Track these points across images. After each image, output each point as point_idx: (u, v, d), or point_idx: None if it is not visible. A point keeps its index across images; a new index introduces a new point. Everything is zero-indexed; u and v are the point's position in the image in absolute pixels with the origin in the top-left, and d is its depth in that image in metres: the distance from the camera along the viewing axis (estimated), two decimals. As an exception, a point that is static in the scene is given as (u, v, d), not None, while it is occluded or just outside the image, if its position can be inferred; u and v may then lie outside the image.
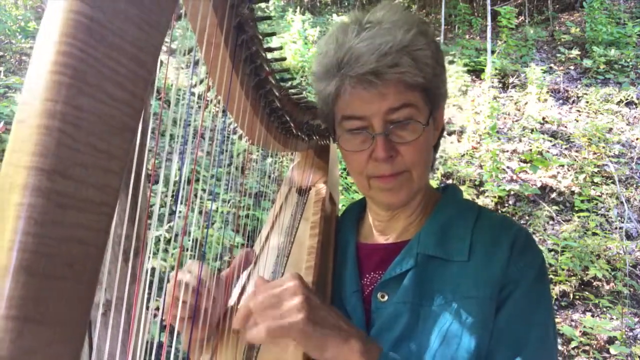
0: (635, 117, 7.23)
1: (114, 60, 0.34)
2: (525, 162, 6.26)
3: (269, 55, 0.82)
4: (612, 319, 4.32)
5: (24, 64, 6.40)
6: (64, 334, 0.33)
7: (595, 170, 6.14)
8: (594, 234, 5.20)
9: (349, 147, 0.93)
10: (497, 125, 6.79)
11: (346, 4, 11.70)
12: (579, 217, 5.47)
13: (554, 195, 5.86)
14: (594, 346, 4.06)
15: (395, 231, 1.02)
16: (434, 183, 5.26)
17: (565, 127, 7.05)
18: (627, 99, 7.49)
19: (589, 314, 4.38)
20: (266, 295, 0.74)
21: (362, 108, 0.89)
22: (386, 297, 0.91)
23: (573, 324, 4.29)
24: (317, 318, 0.73)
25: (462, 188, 5.65)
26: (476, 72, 8.22)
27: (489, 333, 0.84)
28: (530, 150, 6.43)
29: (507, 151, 6.54)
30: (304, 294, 0.74)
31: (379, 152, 0.88)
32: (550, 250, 5.01)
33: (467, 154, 6.47)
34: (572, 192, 5.85)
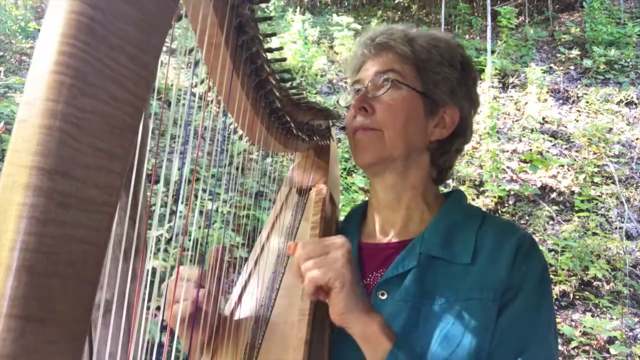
0: (635, 117, 7.23)
1: (115, 61, 0.34)
2: (525, 162, 6.26)
3: (269, 56, 0.82)
4: (612, 319, 4.32)
5: (24, 64, 6.40)
6: (66, 333, 0.33)
7: (595, 170, 6.15)
8: (594, 234, 5.21)
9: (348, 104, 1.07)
10: (497, 125, 6.79)
11: (346, 4, 11.71)
12: (579, 217, 5.47)
13: (554, 195, 5.86)
14: (594, 346, 4.06)
15: (395, 227, 1.03)
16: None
17: (565, 127, 7.05)
18: (627, 99, 7.49)
19: (589, 314, 4.39)
20: (315, 245, 0.80)
21: (361, 73, 1.04)
22: (386, 296, 0.91)
23: (573, 324, 4.29)
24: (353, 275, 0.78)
25: (462, 188, 5.66)
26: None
27: (490, 335, 0.84)
28: (530, 150, 6.43)
29: (507, 151, 6.55)
30: (349, 250, 0.80)
31: (355, 102, 1.00)
32: (550, 250, 5.01)
33: (467, 154, 6.47)
34: (572, 192, 5.86)
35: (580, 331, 4.17)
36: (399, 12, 11.64)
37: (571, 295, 4.59)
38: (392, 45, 0.99)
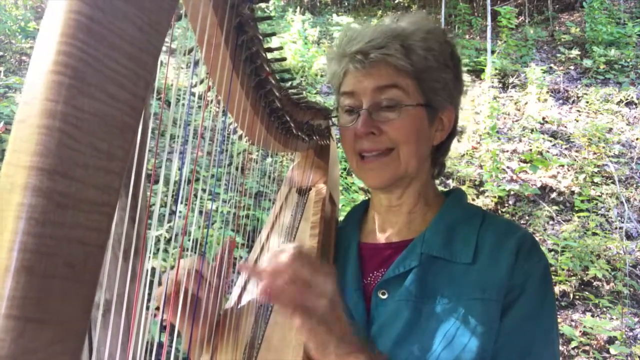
0: (635, 117, 7.23)
1: (114, 61, 0.34)
2: (525, 162, 6.26)
3: (269, 56, 0.82)
4: (612, 319, 4.32)
5: (24, 64, 6.39)
6: (64, 334, 0.33)
7: (595, 170, 6.14)
8: (594, 234, 5.20)
9: (342, 122, 1.00)
10: (497, 125, 6.78)
11: (346, 4, 11.70)
12: (579, 217, 5.46)
13: (554, 195, 5.86)
14: (594, 346, 4.05)
15: (395, 228, 1.03)
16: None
17: (565, 127, 7.05)
18: (627, 99, 7.49)
19: (589, 314, 4.38)
20: (302, 268, 0.72)
21: (354, 85, 0.97)
22: (387, 295, 0.91)
23: (573, 324, 4.29)
24: (332, 320, 0.73)
25: (462, 188, 5.65)
26: (476, 72, 8.22)
27: (494, 335, 0.84)
28: (530, 150, 6.43)
29: (507, 151, 6.54)
30: (335, 290, 0.74)
31: (359, 127, 0.94)
32: (550, 250, 5.00)
33: (467, 154, 6.47)
34: (572, 192, 5.85)
35: (580, 331, 4.16)
36: (399, 12, 11.62)
37: (571, 295, 4.59)
38: (389, 62, 0.93)
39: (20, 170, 0.31)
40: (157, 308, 0.78)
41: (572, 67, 8.52)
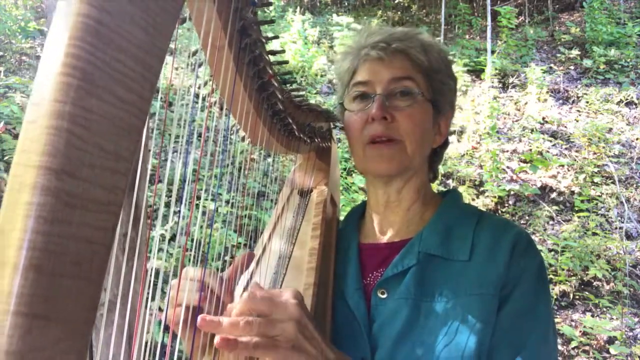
0: (635, 117, 7.23)
1: (121, 63, 0.34)
2: (525, 162, 6.26)
3: (272, 58, 0.83)
4: (612, 319, 4.32)
5: (24, 64, 6.40)
6: (71, 331, 0.33)
7: (595, 170, 6.15)
8: (594, 234, 5.21)
9: (352, 108, 1.02)
10: (497, 125, 6.79)
11: (346, 4, 11.70)
12: (579, 217, 5.47)
13: (554, 195, 5.86)
14: (594, 346, 4.06)
15: (394, 227, 1.04)
16: (434, 184, 5.18)
17: (565, 127, 7.05)
18: (627, 99, 7.49)
19: (589, 314, 4.39)
20: (259, 302, 0.71)
21: (369, 75, 1.00)
22: (386, 294, 0.92)
23: (573, 324, 4.29)
24: (304, 341, 0.70)
25: (462, 188, 5.66)
26: (476, 72, 8.23)
27: (492, 330, 0.85)
28: (530, 150, 6.43)
29: (507, 151, 6.54)
30: (300, 312, 0.72)
31: (374, 110, 0.96)
32: (550, 250, 5.01)
33: (467, 154, 6.47)
34: (572, 192, 5.85)
35: (580, 331, 4.17)
36: (399, 12, 11.63)
37: (571, 295, 4.59)
38: (409, 53, 0.98)
39: (29, 169, 0.31)
40: (160, 309, 0.78)
41: (572, 67, 8.52)
